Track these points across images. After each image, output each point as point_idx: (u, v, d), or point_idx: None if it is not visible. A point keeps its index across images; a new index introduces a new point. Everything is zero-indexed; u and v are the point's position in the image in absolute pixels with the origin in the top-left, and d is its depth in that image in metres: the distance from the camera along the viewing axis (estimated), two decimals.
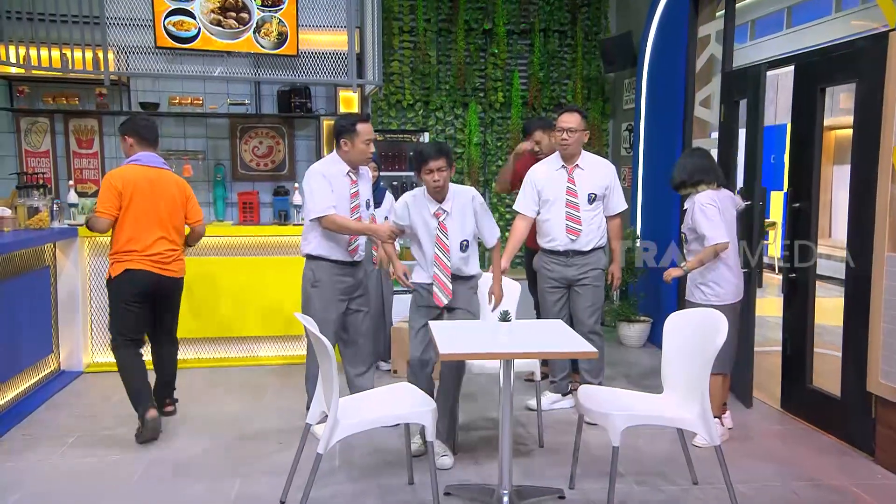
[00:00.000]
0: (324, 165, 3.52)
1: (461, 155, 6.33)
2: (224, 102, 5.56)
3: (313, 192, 3.40)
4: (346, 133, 3.45)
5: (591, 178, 3.79)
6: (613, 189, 3.86)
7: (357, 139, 3.44)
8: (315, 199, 3.39)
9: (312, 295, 3.52)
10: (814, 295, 3.80)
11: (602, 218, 3.85)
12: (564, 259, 3.83)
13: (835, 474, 3.19)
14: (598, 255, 3.84)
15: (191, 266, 4.70)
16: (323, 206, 3.38)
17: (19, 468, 3.18)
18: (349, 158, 3.49)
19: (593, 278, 3.82)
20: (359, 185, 3.57)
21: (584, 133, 3.79)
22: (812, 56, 3.83)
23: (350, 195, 3.51)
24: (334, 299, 3.52)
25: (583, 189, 3.78)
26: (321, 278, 3.50)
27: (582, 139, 3.80)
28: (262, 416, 3.89)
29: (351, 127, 3.44)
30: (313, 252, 3.52)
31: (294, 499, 2.78)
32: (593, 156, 3.96)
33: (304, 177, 3.50)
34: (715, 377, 3.49)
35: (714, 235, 3.35)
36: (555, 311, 3.91)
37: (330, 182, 3.43)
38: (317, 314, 3.39)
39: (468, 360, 3.41)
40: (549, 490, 2.97)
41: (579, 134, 3.76)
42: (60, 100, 5.24)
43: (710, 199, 3.42)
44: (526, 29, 6.38)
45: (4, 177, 5.34)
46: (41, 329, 4.13)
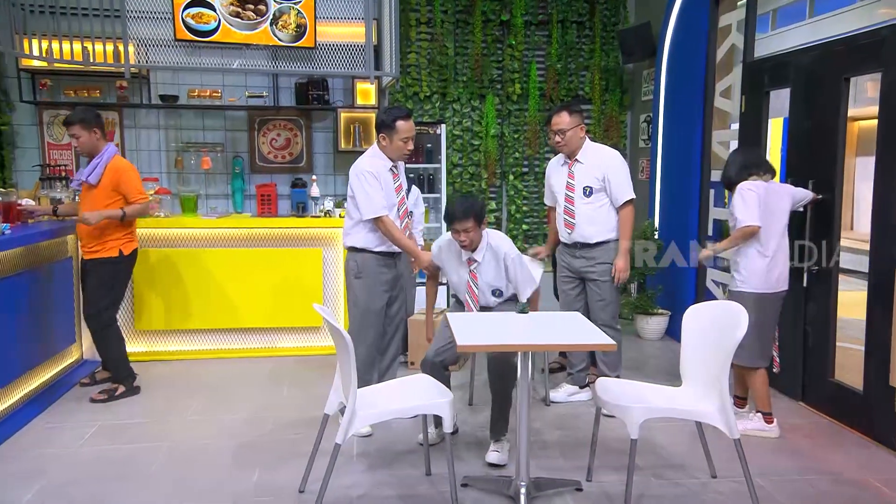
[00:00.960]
0: (372, 163, 3.49)
1: (478, 147, 6.31)
2: (242, 95, 5.60)
3: (368, 193, 3.42)
4: (384, 128, 3.46)
5: (588, 171, 3.75)
6: (611, 178, 3.73)
7: (395, 136, 3.45)
8: (372, 200, 3.42)
9: (357, 286, 3.54)
10: (836, 288, 3.76)
11: (610, 210, 3.79)
12: (572, 251, 3.86)
13: (856, 468, 3.16)
14: (606, 248, 3.79)
15: (210, 257, 4.77)
16: (379, 207, 3.42)
17: (43, 456, 3.23)
18: (387, 153, 3.51)
19: (601, 272, 3.79)
20: (400, 179, 3.62)
21: (578, 129, 3.73)
22: (836, 45, 3.77)
23: (395, 189, 3.55)
24: (378, 290, 3.55)
25: (579, 182, 3.76)
26: (365, 270, 3.52)
27: (577, 134, 3.74)
28: (280, 406, 3.91)
29: (391, 123, 3.44)
30: (357, 244, 3.53)
31: (313, 488, 2.80)
32: (598, 147, 3.88)
33: (354, 175, 3.47)
34: (751, 371, 3.48)
35: (744, 218, 3.38)
36: (569, 301, 3.93)
37: (379, 180, 3.45)
38: (362, 305, 3.49)
39: (486, 351, 3.42)
40: (566, 482, 2.97)
41: (572, 132, 3.71)
42: (82, 92, 5.32)
43: (751, 185, 3.43)
44: (544, 20, 6.34)
45: (28, 169, 5.43)
46: (64, 319, 4.18)
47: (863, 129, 6.16)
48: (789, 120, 4.12)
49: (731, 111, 4.86)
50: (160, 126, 5.67)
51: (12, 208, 3.90)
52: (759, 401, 3.50)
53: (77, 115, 3.81)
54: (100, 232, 3.82)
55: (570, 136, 3.71)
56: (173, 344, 4.84)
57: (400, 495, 2.87)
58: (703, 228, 5.11)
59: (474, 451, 3.31)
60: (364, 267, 3.53)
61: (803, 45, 4.02)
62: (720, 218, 4.98)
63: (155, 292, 4.67)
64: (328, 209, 5.06)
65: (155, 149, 5.65)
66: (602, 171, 3.74)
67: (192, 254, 4.76)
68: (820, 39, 3.95)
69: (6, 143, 5.40)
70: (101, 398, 3.91)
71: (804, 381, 3.99)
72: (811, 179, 3.84)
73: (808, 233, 3.85)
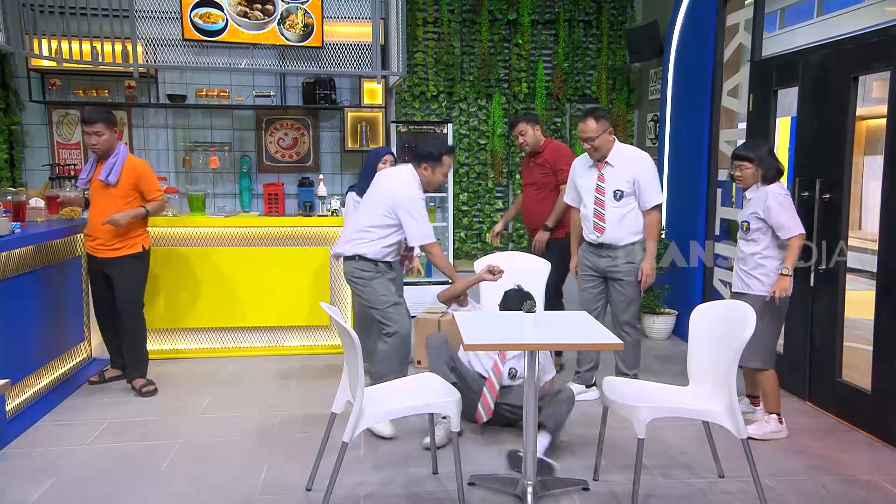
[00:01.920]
0: (418, 190, 3.56)
1: (484, 146, 6.32)
2: (250, 94, 5.63)
3: (422, 217, 3.51)
4: (431, 160, 3.55)
5: (619, 174, 3.73)
6: (641, 183, 3.72)
7: (439, 169, 3.58)
8: (426, 225, 3.52)
9: (378, 285, 3.56)
10: (844, 288, 3.75)
11: (638, 213, 3.77)
12: (598, 250, 3.85)
13: (864, 469, 3.16)
14: (631, 249, 3.79)
15: (218, 256, 4.80)
16: (429, 232, 3.54)
17: (54, 453, 3.26)
18: (424, 182, 3.58)
19: (626, 272, 3.79)
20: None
21: (606, 133, 3.70)
22: (845, 44, 3.76)
23: None
24: (389, 284, 3.62)
25: (610, 186, 3.75)
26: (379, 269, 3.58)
27: (607, 139, 3.71)
28: (287, 405, 3.93)
29: (438, 157, 3.55)
30: (368, 254, 3.55)
31: (320, 486, 2.81)
32: (628, 149, 3.85)
33: (407, 200, 3.49)
34: (763, 373, 3.48)
35: (794, 226, 3.34)
36: (589, 300, 3.93)
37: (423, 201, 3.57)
38: (391, 299, 3.53)
39: (493, 350, 3.43)
40: (573, 481, 2.97)
41: (600, 138, 3.69)
42: (91, 92, 5.36)
43: (784, 190, 3.41)
44: (551, 19, 6.34)
45: (38, 168, 5.47)
46: (73, 317, 4.21)
47: (870, 128, 6.15)
48: (797, 119, 4.11)
49: (739, 110, 4.86)
50: (168, 125, 5.71)
51: (22, 207, 3.93)
52: (773, 402, 3.50)
53: (101, 113, 3.82)
54: (125, 230, 3.91)
55: (600, 142, 3.69)
56: (181, 342, 4.87)
57: (407, 494, 2.88)
58: (710, 227, 5.10)
59: (481, 450, 3.32)
60: (375, 268, 3.58)
61: (812, 44, 4.01)
62: (727, 217, 4.97)
63: (163, 291, 4.70)
64: (335, 208, 5.08)
65: (163, 148, 5.68)
66: (633, 174, 3.71)
67: (199, 252, 4.78)
68: (828, 38, 3.94)
69: (16, 143, 5.44)
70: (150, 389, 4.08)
71: (811, 380, 3.99)
72: (819, 179, 3.83)
73: (816, 232, 3.84)
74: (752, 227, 3.45)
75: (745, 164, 3.43)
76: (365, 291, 3.59)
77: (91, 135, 3.80)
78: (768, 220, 3.37)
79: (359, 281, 3.59)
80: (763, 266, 3.43)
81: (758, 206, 3.40)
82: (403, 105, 6.17)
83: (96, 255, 3.98)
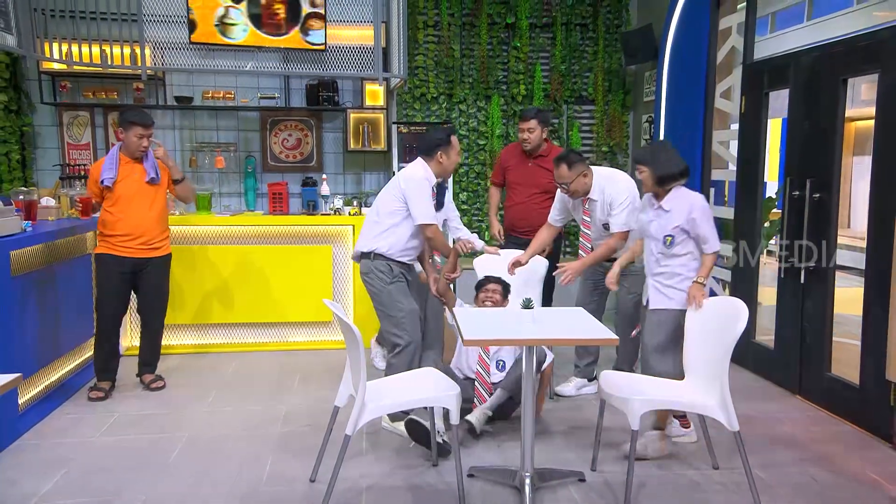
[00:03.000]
0: (426, 174, 3.52)
1: (483, 147, 6.41)
2: (255, 96, 5.71)
3: (424, 199, 3.47)
4: (443, 145, 3.52)
5: (602, 207, 3.74)
6: (613, 206, 3.68)
7: (451, 151, 3.54)
8: (428, 206, 3.49)
9: (394, 291, 3.48)
10: (833, 285, 3.83)
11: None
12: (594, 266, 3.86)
13: (853, 461, 3.22)
14: None
15: (224, 254, 4.88)
16: (433, 215, 3.50)
17: (65, 444, 3.34)
18: (442, 170, 3.56)
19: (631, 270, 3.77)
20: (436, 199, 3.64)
21: (581, 177, 3.67)
22: (834, 47, 3.85)
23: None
24: (407, 291, 3.56)
25: (595, 220, 3.79)
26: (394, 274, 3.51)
27: (582, 181, 3.68)
28: (291, 399, 4.00)
29: (447, 139, 3.52)
30: (382, 250, 3.50)
31: (323, 478, 2.87)
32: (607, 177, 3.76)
33: (410, 181, 3.47)
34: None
35: (716, 242, 3.17)
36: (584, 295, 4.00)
37: (429, 189, 3.53)
38: (406, 307, 3.45)
39: (491, 346, 3.51)
40: (570, 473, 3.03)
41: (575, 181, 3.67)
42: (100, 94, 5.44)
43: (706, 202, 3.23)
44: (548, 22, 6.43)
45: (48, 168, 5.56)
46: (82, 313, 4.28)
47: (859, 129, 6.22)
48: (788, 120, 4.19)
49: (732, 112, 4.93)
50: (175, 126, 5.79)
51: (34, 206, 4.00)
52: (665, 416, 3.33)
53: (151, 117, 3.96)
54: (165, 228, 4.11)
55: (575, 186, 3.69)
56: (187, 338, 4.95)
57: (408, 485, 2.94)
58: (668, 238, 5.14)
59: (480, 442, 3.39)
60: (391, 272, 3.51)
61: (802, 47, 4.09)
62: (720, 216, 5.05)
63: (170, 288, 4.77)
64: (338, 207, 5.17)
65: (170, 148, 5.76)
66: (609, 199, 3.70)
67: (205, 251, 4.87)
68: (818, 41, 4.02)
69: (28, 143, 5.52)
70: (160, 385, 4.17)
71: (801, 375, 4.07)
72: (809, 178, 3.92)
73: (806, 231, 3.93)
74: (675, 240, 3.20)
75: (641, 168, 3.22)
76: (380, 295, 3.50)
77: (145, 138, 3.87)
78: (692, 230, 3.15)
79: (375, 282, 3.50)
80: (678, 275, 3.20)
81: (680, 219, 3.15)
82: (404, 106, 6.25)
83: (133, 257, 3.93)
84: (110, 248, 3.91)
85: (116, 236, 3.90)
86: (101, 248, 3.95)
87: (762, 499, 2.79)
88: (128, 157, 3.92)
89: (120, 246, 3.91)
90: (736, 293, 4.60)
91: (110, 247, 3.91)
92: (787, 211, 4.13)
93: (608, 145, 6.49)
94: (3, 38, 4.07)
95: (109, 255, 3.92)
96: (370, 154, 5.99)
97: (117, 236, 3.90)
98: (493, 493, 2.88)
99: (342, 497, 2.81)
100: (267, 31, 4.90)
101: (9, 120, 5.28)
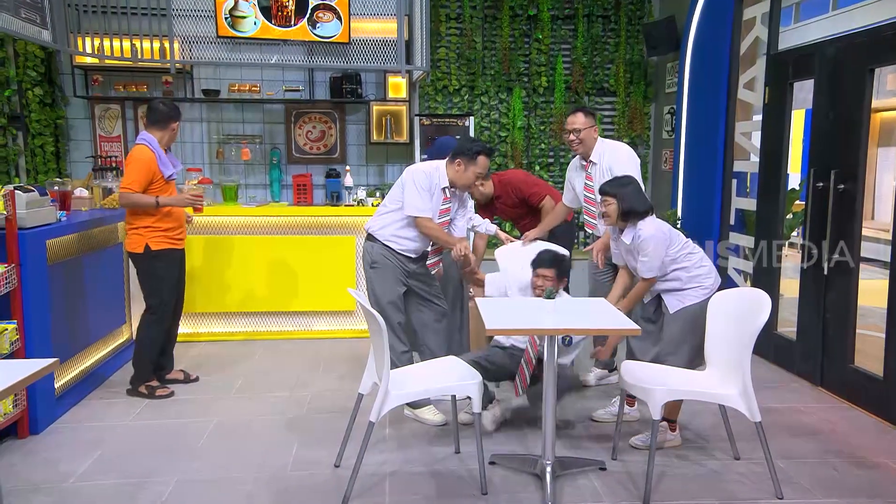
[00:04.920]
0: (430, 169, 3.47)
1: (505, 139, 6.43)
2: (280, 89, 5.78)
3: (418, 191, 3.41)
4: (465, 156, 3.39)
5: (602, 170, 3.73)
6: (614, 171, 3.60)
7: (472, 167, 3.40)
8: (419, 199, 3.41)
9: (372, 277, 3.52)
10: (857, 276, 3.80)
11: None
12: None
13: (875, 452, 3.22)
14: None
15: (250, 245, 4.97)
16: (424, 208, 3.42)
17: (99, 427, 3.45)
18: (454, 178, 3.44)
19: None
20: (451, 203, 3.54)
21: (591, 129, 3.73)
22: (861, 37, 3.81)
23: (440, 210, 3.50)
24: (391, 281, 3.50)
25: (597, 184, 3.71)
26: (380, 260, 3.50)
27: (591, 135, 3.73)
28: (316, 386, 4.08)
29: (473, 155, 3.38)
30: (381, 236, 3.51)
31: (348, 464, 2.91)
32: (609, 145, 3.79)
33: (410, 172, 3.46)
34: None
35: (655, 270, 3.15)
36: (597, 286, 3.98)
37: (431, 187, 3.43)
38: (377, 295, 3.48)
39: (513, 335, 3.54)
40: (590, 461, 3.05)
41: (586, 131, 3.70)
42: (130, 87, 5.55)
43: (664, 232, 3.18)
44: (570, 14, 6.42)
45: (81, 160, 5.70)
46: (115, 301, 4.38)
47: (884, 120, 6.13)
48: (813, 111, 4.16)
49: (755, 103, 4.90)
50: (203, 119, 5.89)
51: (68, 197, 4.11)
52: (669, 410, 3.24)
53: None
54: None
55: (584, 135, 3.72)
56: (215, 326, 5.06)
57: (430, 472, 2.98)
58: (725, 219, 5.16)
59: (502, 430, 3.43)
60: (377, 257, 3.50)
61: (827, 37, 4.06)
62: (742, 207, 5.04)
63: (198, 277, 4.89)
64: (361, 198, 5.23)
65: (198, 140, 5.87)
66: (608, 164, 3.70)
67: (232, 240, 4.97)
68: (844, 31, 3.98)
69: (61, 136, 5.66)
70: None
71: (823, 367, 4.05)
72: (834, 170, 3.89)
73: (830, 223, 3.91)
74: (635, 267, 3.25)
75: (608, 199, 3.20)
76: (368, 277, 3.54)
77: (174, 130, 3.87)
78: (637, 248, 3.15)
79: (365, 262, 3.54)
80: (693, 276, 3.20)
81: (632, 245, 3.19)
82: (426, 99, 6.29)
83: (182, 248, 4.00)
84: (170, 242, 3.83)
85: (172, 229, 3.85)
86: (159, 243, 3.78)
87: (783, 489, 2.80)
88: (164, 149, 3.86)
89: (175, 238, 3.88)
90: (758, 284, 4.58)
91: (169, 240, 3.83)
92: (810, 202, 4.11)
93: (630, 137, 6.46)
94: (39, 34, 4.18)
95: (170, 249, 3.84)
96: (393, 146, 6.04)
97: (173, 229, 3.85)
98: (514, 481, 2.91)
99: (366, 482, 2.86)
100: (277, 23, 4.93)
101: (44, 113, 5.41)
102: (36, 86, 5.33)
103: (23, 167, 5.42)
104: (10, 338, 3.16)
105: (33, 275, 3.33)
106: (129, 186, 3.64)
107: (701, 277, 3.19)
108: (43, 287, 3.44)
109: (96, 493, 2.81)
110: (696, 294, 3.18)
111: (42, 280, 3.43)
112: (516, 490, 2.85)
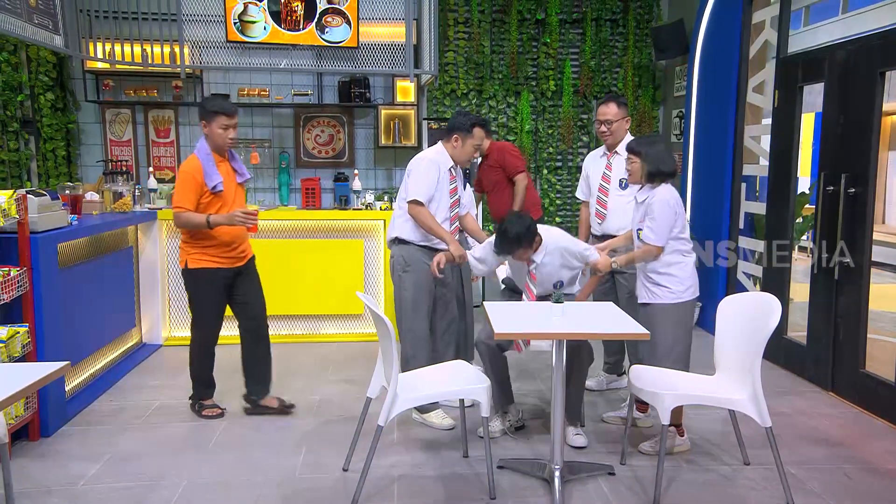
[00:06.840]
0: (436, 155, 3.48)
1: (513, 142, 6.43)
2: (289, 93, 5.81)
3: (423, 178, 3.40)
4: (461, 130, 3.46)
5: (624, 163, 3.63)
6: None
7: (470, 140, 3.48)
8: (421, 185, 3.40)
9: (406, 280, 3.49)
10: (868, 281, 3.78)
11: None
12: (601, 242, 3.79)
13: (889, 458, 3.19)
14: None
15: (258, 248, 4.95)
16: (423, 193, 3.38)
17: (108, 431, 3.45)
18: (454, 154, 3.50)
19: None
20: (457, 181, 3.58)
21: (623, 121, 3.73)
22: (871, 40, 3.80)
23: (450, 190, 3.52)
24: (426, 284, 3.49)
25: (616, 174, 3.75)
26: (412, 262, 3.48)
27: (623, 126, 3.74)
28: (325, 390, 4.08)
29: (469, 127, 3.47)
30: (403, 235, 3.49)
31: (356, 467, 2.92)
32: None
33: (417, 160, 3.48)
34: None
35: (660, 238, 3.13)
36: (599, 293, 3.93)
37: (439, 174, 3.43)
38: (411, 298, 3.46)
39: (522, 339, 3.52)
40: (599, 466, 3.04)
41: (618, 123, 3.71)
42: (141, 92, 5.60)
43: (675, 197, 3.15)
44: (578, 18, 6.43)
45: (92, 164, 5.74)
46: (125, 304, 4.41)
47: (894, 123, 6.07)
48: (823, 115, 4.14)
49: (764, 106, 4.89)
50: None
51: (79, 200, 4.14)
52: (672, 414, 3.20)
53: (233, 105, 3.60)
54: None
55: (616, 126, 3.71)
56: (223, 329, 5.05)
57: (439, 476, 2.98)
58: (734, 222, 5.15)
59: (510, 435, 3.42)
60: (411, 259, 3.48)
61: (838, 41, 4.05)
62: (751, 211, 5.02)
63: None
64: (369, 202, 5.24)
65: None
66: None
67: None
68: (854, 34, 3.97)
69: (72, 140, 5.71)
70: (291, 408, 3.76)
71: (833, 371, 4.03)
72: (844, 173, 3.87)
73: (841, 226, 3.88)
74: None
75: (633, 158, 3.18)
76: (397, 288, 3.50)
77: (230, 128, 3.44)
78: (647, 207, 3.13)
79: (395, 269, 3.50)
80: (669, 274, 3.16)
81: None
82: (435, 103, 6.31)
83: (233, 267, 3.54)
84: (211, 261, 3.45)
85: (218, 247, 3.43)
86: (197, 261, 3.44)
87: (794, 495, 2.77)
88: (218, 155, 3.46)
89: (221, 257, 3.47)
90: (767, 289, 4.56)
91: (210, 259, 3.44)
92: (820, 206, 4.09)
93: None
94: (52, 39, 4.22)
95: (209, 268, 3.45)
96: (401, 150, 6.06)
97: (219, 246, 3.44)
98: (523, 485, 2.91)
99: (374, 486, 2.87)
100: (286, 27, 4.96)
101: (55, 117, 5.46)
102: (48, 91, 5.38)
103: (34, 171, 5.47)
104: (22, 341, 3.18)
105: (45, 278, 3.35)
106: (177, 205, 3.35)
107: (678, 280, 3.15)
108: (54, 290, 3.46)
109: (107, 496, 2.82)
110: (665, 295, 3.15)
111: (53, 283, 3.45)
112: (525, 495, 2.84)
